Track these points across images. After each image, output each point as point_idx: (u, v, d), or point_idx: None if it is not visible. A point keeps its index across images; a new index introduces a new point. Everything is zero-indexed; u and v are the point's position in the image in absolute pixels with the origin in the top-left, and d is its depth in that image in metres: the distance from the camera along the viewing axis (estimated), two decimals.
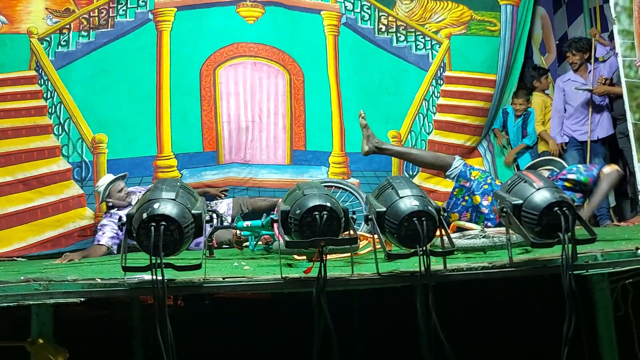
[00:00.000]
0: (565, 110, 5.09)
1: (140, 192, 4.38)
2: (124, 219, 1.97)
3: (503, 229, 2.80)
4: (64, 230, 4.57)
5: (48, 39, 4.73)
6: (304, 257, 2.77)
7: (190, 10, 4.92)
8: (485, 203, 3.32)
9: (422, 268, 1.99)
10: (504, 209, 2.18)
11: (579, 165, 3.32)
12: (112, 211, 4.26)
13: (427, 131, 5.32)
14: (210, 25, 4.94)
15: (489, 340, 3.42)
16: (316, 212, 2.00)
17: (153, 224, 1.89)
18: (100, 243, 4.02)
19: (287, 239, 2.05)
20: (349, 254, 2.68)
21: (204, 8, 4.93)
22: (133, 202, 4.15)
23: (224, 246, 4.10)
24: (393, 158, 5.13)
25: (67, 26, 4.79)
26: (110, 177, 4.32)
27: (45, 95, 4.74)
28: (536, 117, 5.32)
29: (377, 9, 5.29)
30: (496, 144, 5.51)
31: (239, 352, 4.48)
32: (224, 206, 4.46)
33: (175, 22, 4.88)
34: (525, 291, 3.38)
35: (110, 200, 4.27)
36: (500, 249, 2.65)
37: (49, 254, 4.34)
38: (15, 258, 4.12)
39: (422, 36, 5.37)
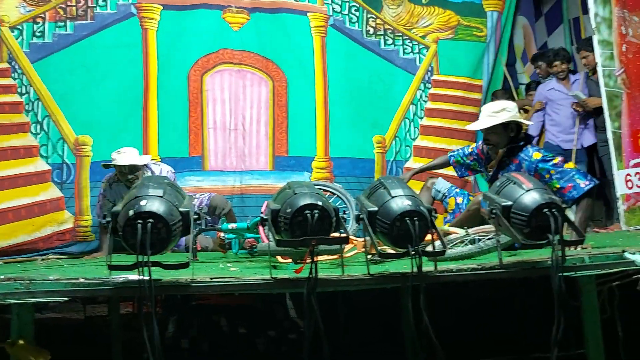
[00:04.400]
0: (544, 117, 5.15)
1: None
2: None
3: (486, 227, 2.82)
4: (41, 235, 4.37)
5: (20, 27, 4.50)
6: (289, 260, 2.75)
7: (177, 12, 4.82)
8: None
9: (414, 269, 1.98)
10: (494, 211, 2.19)
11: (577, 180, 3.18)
12: None
13: (412, 137, 5.33)
14: (197, 29, 4.85)
15: (477, 337, 3.43)
16: (307, 211, 1.98)
17: (140, 221, 1.84)
18: None
19: (277, 237, 2.02)
20: (334, 256, 2.68)
21: (190, 10, 4.85)
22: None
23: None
24: (376, 164, 5.15)
25: (42, 15, 4.55)
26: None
27: (20, 90, 4.49)
28: None
29: (365, 11, 5.28)
30: None
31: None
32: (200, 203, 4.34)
33: (162, 22, 4.76)
34: (515, 286, 3.38)
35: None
36: (488, 253, 2.65)
37: (27, 257, 4.20)
38: None
39: (409, 40, 5.37)
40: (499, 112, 3.24)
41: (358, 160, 5.12)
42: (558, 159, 3.18)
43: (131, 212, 1.85)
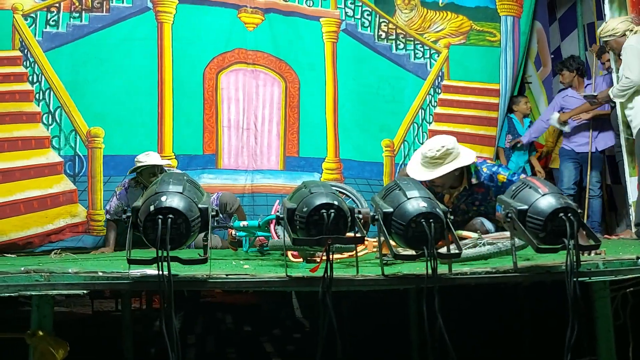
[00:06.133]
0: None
1: None
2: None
3: (499, 234, 2.82)
4: (54, 227, 4.38)
5: (33, 15, 4.47)
6: (300, 259, 2.76)
7: (193, 6, 4.84)
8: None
9: (429, 271, 1.98)
10: (509, 215, 2.19)
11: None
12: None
13: (421, 141, 5.34)
14: (213, 27, 4.88)
15: (480, 342, 3.44)
16: (324, 210, 1.99)
17: (160, 216, 1.86)
18: None
19: (293, 236, 2.04)
20: (344, 255, 2.69)
21: (206, 5, 4.87)
22: None
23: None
24: (385, 166, 5.16)
25: (57, 5, 4.55)
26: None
27: (31, 79, 4.45)
28: None
29: (377, 16, 5.31)
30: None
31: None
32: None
33: (177, 16, 4.77)
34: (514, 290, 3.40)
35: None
36: (505, 254, 2.64)
37: (40, 251, 4.22)
38: (5, 254, 3.92)
39: (421, 45, 5.40)
40: (442, 157, 3.16)
41: (366, 163, 5.16)
42: (523, 177, 3.19)
43: (152, 208, 1.87)
